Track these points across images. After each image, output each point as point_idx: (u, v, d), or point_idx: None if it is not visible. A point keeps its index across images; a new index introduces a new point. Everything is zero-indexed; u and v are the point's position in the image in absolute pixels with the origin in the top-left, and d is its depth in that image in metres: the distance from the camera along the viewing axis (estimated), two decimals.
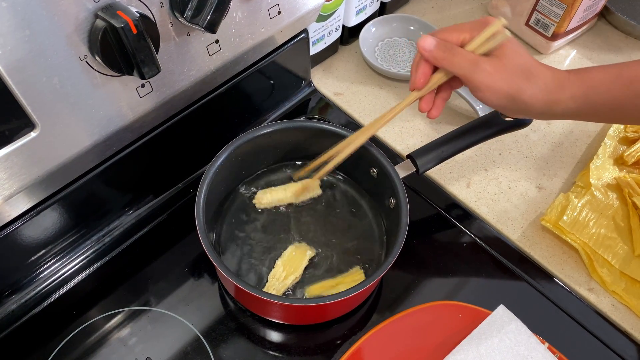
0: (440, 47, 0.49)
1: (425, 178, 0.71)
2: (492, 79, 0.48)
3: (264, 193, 0.65)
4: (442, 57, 0.49)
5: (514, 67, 0.48)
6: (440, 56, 0.49)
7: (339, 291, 0.57)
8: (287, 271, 0.59)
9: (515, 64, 0.48)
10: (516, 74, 0.48)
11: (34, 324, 0.58)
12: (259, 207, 0.65)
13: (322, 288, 0.59)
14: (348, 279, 0.60)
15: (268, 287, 0.58)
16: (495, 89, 0.49)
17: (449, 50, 0.49)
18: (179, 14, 0.48)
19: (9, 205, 0.50)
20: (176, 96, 0.55)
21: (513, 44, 0.49)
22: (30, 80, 0.42)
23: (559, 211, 0.65)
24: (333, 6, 0.75)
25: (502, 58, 0.48)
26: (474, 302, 0.58)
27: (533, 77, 0.49)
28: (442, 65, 0.50)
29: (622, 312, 0.60)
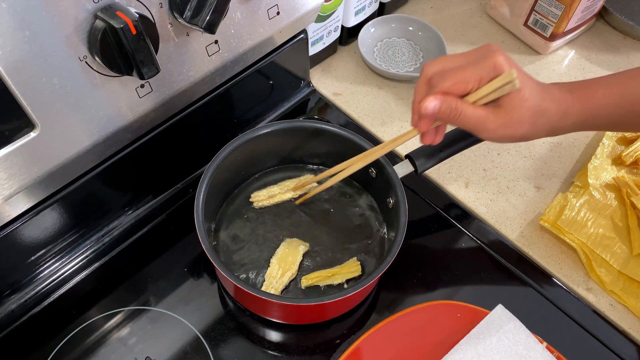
0: (444, 110, 0.47)
1: (424, 178, 0.71)
2: (499, 133, 0.48)
3: (259, 192, 0.66)
4: (446, 118, 0.47)
5: (522, 116, 0.47)
6: (446, 117, 0.47)
7: (334, 281, 0.58)
8: (283, 268, 0.59)
9: (522, 113, 0.47)
10: (523, 121, 0.47)
11: (33, 324, 0.58)
12: (257, 206, 0.65)
13: (318, 277, 0.59)
14: (344, 270, 0.60)
15: (266, 286, 0.58)
16: (503, 139, 0.49)
17: (454, 111, 0.47)
18: (178, 15, 0.48)
19: (9, 205, 0.51)
20: (175, 96, 0.56)
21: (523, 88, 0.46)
22: (30, 80, 0.42)
23: (558, 211, 0.66)
24: (332, 7, 0.75)
25: (509, 110, 0.47)
26: (473, 301, 0.58)
27: (539, 118, 0.48)
28: (448, 122, 0.49)
29: (620, 311, 0.61)
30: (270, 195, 0.66)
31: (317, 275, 0.59)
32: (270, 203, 0.66)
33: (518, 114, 0.47)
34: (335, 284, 0.59)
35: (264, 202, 0.65)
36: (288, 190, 0.66)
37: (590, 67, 0.85)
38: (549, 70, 0.84)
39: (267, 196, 0.66)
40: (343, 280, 0.59)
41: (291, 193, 0.66)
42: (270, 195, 0.66)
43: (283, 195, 0.66)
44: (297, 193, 0.66)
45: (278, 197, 0.66)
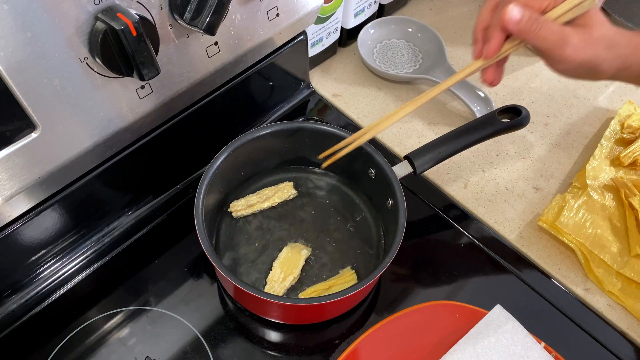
0: (527, 19, 0.45)
1: (422, 179, 0.71)
2: (578, 53, 0.46)
3: (238, 201, 0.66)
4: (528, 30, 0.45)
5: (600, 38, 0.46)
6: (527, 29, 0.45)
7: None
8: (285, 272, 0.59)
9: (601, 35, 0.46)
10: (601, 45, 0.46)
11: (34, 324, 0.59)
12: (235, 216, 0.65)
13: (315, 291, 0.59)
14: (340, 281, 0.60)
15: (268, 289, 0.58)
16: (578, 61, 0.46)
17: (536, 23, 0.45)
18: (178, 16, 0.48)
19: (10, 206, 0.51)
20: (175, 97, 0.56)
21: (597, 11, 0.46)
22: (31, 81, 0.43)
23: (556, 212, 0.66)
24: (331, 8, 0.75)
25: (589, 29, 0.46)
26: (471, 302, 0.58)
27: (613, 47, 0.47)
28: (526, 38, 0.46)
29: (618, 312, 0.61)
30: (249, 205, 0.65)
31: (314, 289, 0.59)
32: (249, 212, 0.65)
33: (597, 34, 0.46)
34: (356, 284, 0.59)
35: (242, 211, 0.65)
36: (267, 199, 0.66)
37: None
38: (548, 72, 0.84)
39: (245, 205, 0.65)
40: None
41: (270, 202, 0.66)
42: (249, 204, 0.65)
43: (262, 204, 0.65)
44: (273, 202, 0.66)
45: (257, 206, 0.65)
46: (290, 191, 0.67)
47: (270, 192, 0.67)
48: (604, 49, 0.47)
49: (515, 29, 0.46)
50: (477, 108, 0.76)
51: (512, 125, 0.63)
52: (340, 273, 0.61)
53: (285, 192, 0.66)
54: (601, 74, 0.48)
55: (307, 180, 0.69)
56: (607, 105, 0.80)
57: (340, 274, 0.61)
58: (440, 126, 0.77)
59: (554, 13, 0.46)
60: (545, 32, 0.45)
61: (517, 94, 0.81)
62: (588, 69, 0.47)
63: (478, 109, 0.76)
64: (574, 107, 0.80)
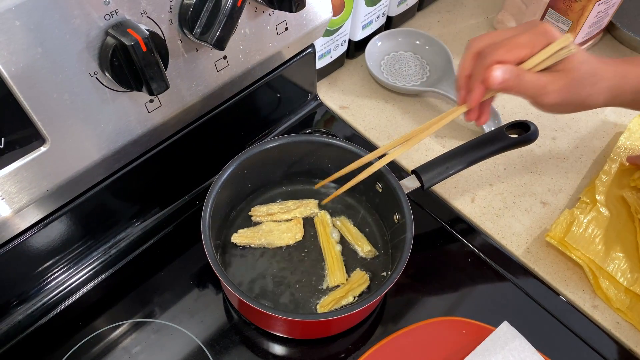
0: (508, 79, 0.46)
1: (429, 192, 0.71)
2: (560, 97, 0.47)
3: (260, 207, 0.66)
4: (510, 87, 0.47)
5: (582, 77, 0.47)
6: (509, 87, 0.47)
7: (349, 300, 0.58)
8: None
9: (582, 75, 0.47)
10: (583, 84, 0.47)
11: (40, 335, 0.59)
12: (254, 220, 0.65)
13: (334, 300, 0.59)
14: (354, 284, 0.60)
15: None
16: (563, 104, 0.48)
17: (515, 77, 0.46)
18: (188, 31, 0.49)
19: (19, 218, 0.51)
20: (184, 111, 0.56)
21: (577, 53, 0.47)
22: (41, 96, 0.43)
23: (564, 227, 0.65)
24: (340, 21, 0.76)
25: (568, 73, 0.46)
26: (478, 318, 0.58)
27: (598, 81, 0.48)
28: (509, 92, 0.48)
29: (626, 329, 0.60)
30: (269, 213, 0.65)
31: (332, 298, 0.59)
32: (268, 220, 0.65)
33: (578, 75, 0.46)
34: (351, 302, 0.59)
35: (261, 217, 0.65)
36: (288, 211, 0.66)
37: None
38: None
39: (265, 213, 0.65)
40: (356, 295, 0.59)
41: (289, 215, 0.66)
42: (269, 212, 0.65)
43: (282, 214, 0.65)
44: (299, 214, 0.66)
45: (277, 216, 0.65)
46: (314, 209, 0.66)
47: (293, 206, 0.66)
48: (588, 87, 0.47)
49: (498, 88, 0.47)
50: None
51: (520, 141, 0.62)
52: (352, 275, 0.61)
53: (308, 209, 0.66)
54: (591, 106, 0.49)
55: (314, 192, 0.69)
56: (616, 119, 0.80)
57: (352, 276, 0.61)
58: (448, 139, 0.77)
59: (532, 62, 0.47)
60: (525, 85, 0.47)
61: (524, 107, 0.80)
62: (575, 107, 0.49)
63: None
64: (582, 121, 0.80)
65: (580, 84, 0.47)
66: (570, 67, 0.47)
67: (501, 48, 0.47)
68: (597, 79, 0.48)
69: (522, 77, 0.46)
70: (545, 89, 0.47)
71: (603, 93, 0.48)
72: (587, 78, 0.47)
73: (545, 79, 0.47)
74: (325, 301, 0.59)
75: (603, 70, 0.48)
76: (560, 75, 0.47)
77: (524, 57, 0.47)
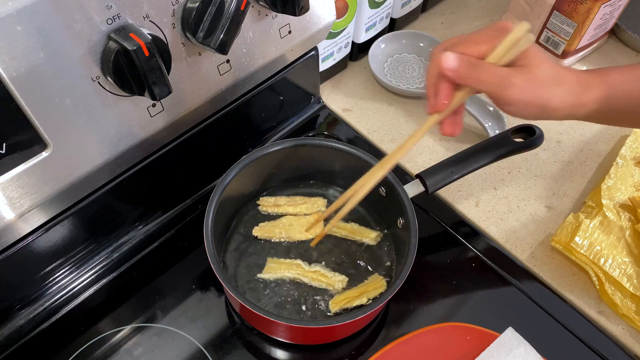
0: (465, 65, 0.45)
1: (434, 196, 0.70)
2: (523, 93, 0.45)
3: (269, 198, 0.67)
4: (468, 75, 0.45)
5: (544, 75, 0.45)
6: (467, 74, 0.45)
7: (362, 301, 0.58)
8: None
9: (544, 72, 0.45)
10: (546, 82, 0.46)
11: (41, 340, 0.58)
12: (261, 210, 0.66)
13: (346, 299, 0.59)
14: (370, 287, 0.59)
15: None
16: (526, 102, 0.46)
17: (475, 67, 0.45)
18: (191, 35, 0.48)
19: (22, 222, 0.51)
20: (187, 115, 0.56)
21: (537, 49, 0.46)
22: (43, 101, 0.43)
23: (570, 232, 0.65)
24: (343, 23, 0.75)
25: (531, 68, 0.45)
26: (482, 323, 0.57)
27: (561, 83, 0.46)
28: (467, 83, 0.46)
29: (632, 335, 0.60)
30: (277, 204, 0.66)
31: (345, 297, 0.59)
32: (274, 211, 0.66)
33: (540, 72, 0.45)
34: (364, 304, 0.59)
35: (268, 208, 0.66)
36: (295, 205, 0.66)
37: None
38: None
39: (273, 204, 0.66)
40: (370, 298, 0.59)
41: (296, 209, 0.66)
42: (277, 204, 0.66)
43: (288, 208, 0.66)
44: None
45: (283, 209, 0.66)
46: (321, 207, 0.66)
47: (301, 201, 0.67)
48: (551, 86, 0.46)
49: (454, 75, 0.45)
50: (488, 124, 0.75)
51: (525, 146, 0.62)
52: (370, 279, 0.61)
53: (315, 206, 0.66)
54: (554, 111, 0.47)
55: (317, 194, 0.69)
56: None
57: (370, 279, 0.61)
58: (452, 142, 0.76)
59: (493, 56, 0.45)
60: (486, 76, 0.45)
61: None
62: (538, 108, 0.47)
63: (490, 125, 0.75)
64: (587, 125, 0.79)
65: (544, 82, 0.46)
66: (534, 63, 0.45)
67: (459, 46, 0.46)
68: (560, 80, 0.46)
69: (481, 66, 0.45)
70: (509, 80, 0.45)
71: (567, 96, 0.47)
72: (550, 77, 0.46)
73: (509, 71, 0.45)
74: (338, 298, 0.59)
75: (565, 74, 0.47)
76: (524, 70, 0.45)
77: (485, 53, 0.45)
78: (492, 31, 0.45)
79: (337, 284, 0.60)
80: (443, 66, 0.45)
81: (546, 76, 0.45)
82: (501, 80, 0.45)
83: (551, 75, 0.46)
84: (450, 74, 0.45)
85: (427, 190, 0.60)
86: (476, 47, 0.45)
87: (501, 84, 0.45)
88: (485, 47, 0.45)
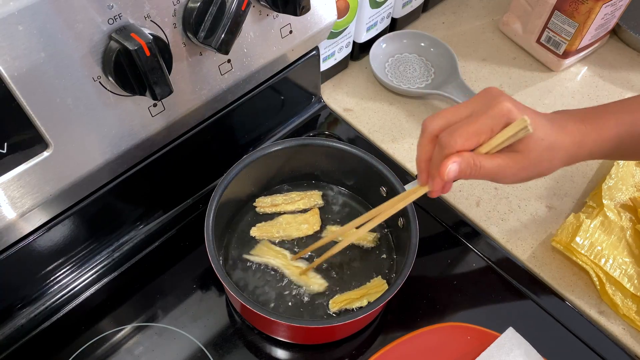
0: (464, 170, 0.45)
1: None
2: (518, 177, 0.47)
3: (265, 198, 0.67)
4: (467, 177, 0.46)
5: (539, 156, 0.46)
6: (465, 176, 0.46)
7: (363, 303, 0.57)
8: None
9: (540, 154, 0.46)
10: (541, 161, 0.47)
11: (42, 339, 0.58)
12: (259, 211, 0.66)
13: (347, 300, 0.59)
14: (372, 290, 0.59)
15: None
16: (520, 180, 0.48)
17: (474, 168, 0.46)
18: (192, 35, 0.48)
19: (24, 221, 0.51)
20: (188, 115, 0.56)
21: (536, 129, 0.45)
22: (44, 100, 0.43)
23: (570, 232, 0.65)
24: (344, 23, 0.75)
25: (526, 154, 0.46)
26: (483, 323, 0.57)
27: (556, 154, 0.47)
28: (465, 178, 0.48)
29: (633, 336, 0.60)
30: (274, 204, 0.66)
31: (345, 297, 0.59)
32: (272, 211, 0.66)
33: (535, 155, 0.46)
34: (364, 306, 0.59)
35: (266, 209, 0.66)
36: (293, 202, 0.66)
37: (603, 84, 0.84)
38: (562, 88, 0.84)
39: (270, 204, 0.66)
40: (371, 301, 0.59)
41: (294, 206, 0.66)
42: (274, 203, 0.66)
43: (286, 206, 0.66)
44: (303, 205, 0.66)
45: (281, 207, 0.66)
46: (317, 200, 0.67)
47: (297, 197, 0.67)
48: (545, 162, 0.47)
49: (454, 179, 0.47)
50: None
51: None
52: (372, 281, 0.61)
53: (312, 200, 0.67)
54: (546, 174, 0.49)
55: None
56: None
57: (372, 282, 0.61)
58: None
59: (490, 145, 0.45)
60: (482, 173, 0.46)
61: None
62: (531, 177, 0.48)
63: None
64: None
65: (539, 162, 0.47)
66: (529, 148, 0.46)
67: (459, 137, 0.45)
68: (554, 153, 0.47)
69: (478, 165, 0.45)
70: (503, 172, 0.46)
71: (560, 163, 0.49)
72: (546, 154, 0.47)
73: (503, 162, 0.46)
74: (338, 298, 0.59)
75: (560, 141, 0.47)
76: (519, 157, 0.46)
77: (483, 142, 0.46)
78: (493, 119, 0.45)
79: (314, 285, 0.60)
80: (444, 177, 0.46)
81: (541, 155, 0.46)
82: (496, 174, 0.46)
83: (546, 153, 0.47)
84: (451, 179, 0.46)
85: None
86: (476, 138, 0.45)
87: (496, 177, 0.47)
88: (484, 137, 0.45)
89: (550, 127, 0.47)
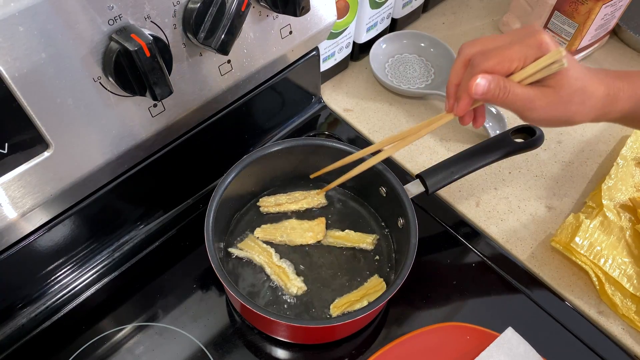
0: (492, 91, 0.45)
1: (434, 195, 0.70)
2: (547, 113, 0.46)
3: (269, 197, 0.67)
4: (494, 99, 0.46)
5: (570, 95, 0.45)
6: (493, 98, 0.45)
7: (363, 304, 0.58)
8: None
9: (571, 93, 0.45)
10: (572, 101, 0.46)
11: (43, 338, 0.59)
12: (263, 211, 0.66)
13: (348, 303, 0.59)
14: (371, 290, 0.59)
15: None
16: (548, 120, 0.47)
17: (502, 90, 0.45)
18: (192, 36, 0.48)
19: (24, 221, 0.51)
20: (188, 115, 0.56)
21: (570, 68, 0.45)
22: (45, 101, 0.43)
23: (570, 232, 0.65)
24: (344, 23, 0.75)
25: (558, 89, 0.45)
26: (482, 323, 0.57)
27: (587, 99, 0.46)
28: (493, 103, 0.47)
29: (632, 335, 0.60)
30: (278, 203, 0.67)
31: (346, 300, 0.59)
32: (276, 210, 0.66)
33: (566, 93, 0.45)
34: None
35: (269, 208, 0.66)
36: (296, 202, 0.66)
37: None
38: None
39: (274, 203, 0.67)
40: (371, 301, 0.59)
41: (297, 205, 0.66)
42: (277, 203, 0.67)
43: (290, 205, 0.66)
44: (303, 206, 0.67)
45: (284, 207, 0.66)
46: (321, 200, 0.67)
47: (301, 196, 0.67)
48: (576, 104, 0.46)
49: (481, 98, 0.46)
50: (489, 124, 0.75)
51: (526, 146, 0.62)
52: (369, 281, 0.61)
53: (315, 199, 0.67)
54: (576, 123, 0.48)
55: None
56: None
57: (369, 282, 0.61)
58: (452, 142, 0.76)
59: (522, 74, 0.45)
60: (511, 98, 0.45)
61: None
62: (560, 123, 0.48)
63: (490, 125, 0.76)
64: (588, 125, 0.79)
65: (569, 102, 0.46)
66: (561, 84, 0.45)
67: (492, 59, 0.45)
68: (586, 97, 0.46)
69: (508, 89, 0.45)
70: (532, 104, 0.45)
71: (591, 111, 0.47)
72: (577, 95, 0.46)
73: (534, 93, 0.45)
74: (339, 302, 0.59)
75: (594, 88, 0.47)
76: (550, 92, 0.45)
77: (515, 70, 0.45)
78: (527, 48, 0.45)
79: (293, 288, 0.60)
80: (472, 91, 0.45)
81: (572, 95, 0.45)
82: (525, 103, 0.45)
83: (578, 94, 0.46)
84: (478, 97, 0.46)
85: (427, 190, 0.60)
86: (508, 64, 0.45)
87: (525, 107, 0.46)
88: (516, 65, 0.45)
89: (585, 72, 0.46)
